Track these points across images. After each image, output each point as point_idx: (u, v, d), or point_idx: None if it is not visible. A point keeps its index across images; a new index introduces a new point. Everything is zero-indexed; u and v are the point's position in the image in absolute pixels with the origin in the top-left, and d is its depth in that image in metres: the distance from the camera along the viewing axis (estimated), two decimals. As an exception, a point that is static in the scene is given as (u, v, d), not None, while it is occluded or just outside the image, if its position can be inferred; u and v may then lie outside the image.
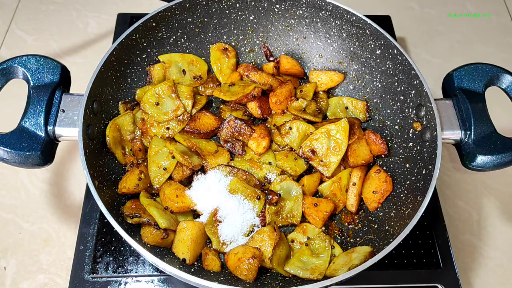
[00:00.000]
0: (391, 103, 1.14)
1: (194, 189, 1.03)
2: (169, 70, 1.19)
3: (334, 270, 0.92)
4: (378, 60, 1.14)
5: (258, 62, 1.31)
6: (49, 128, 0.93)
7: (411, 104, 1.06)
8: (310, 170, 1.13)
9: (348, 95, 1.24)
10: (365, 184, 1.08)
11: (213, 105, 1.25)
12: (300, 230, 1.03)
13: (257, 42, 1.29)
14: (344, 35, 1.18)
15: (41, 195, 1.25)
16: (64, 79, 0.99)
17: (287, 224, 1.04)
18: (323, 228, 1.04)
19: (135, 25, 1.08)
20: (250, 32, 1.27)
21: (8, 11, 1.64)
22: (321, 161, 1.07)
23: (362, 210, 1.09)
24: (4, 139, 0.89)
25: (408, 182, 1.02)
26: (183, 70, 1.21)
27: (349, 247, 1.01)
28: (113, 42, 1.07)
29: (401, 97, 1.09)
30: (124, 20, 1.46)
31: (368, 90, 1.20)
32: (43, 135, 0.92)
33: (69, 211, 1.23)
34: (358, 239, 1.04)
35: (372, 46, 1.13)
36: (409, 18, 1.71)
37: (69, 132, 0.94)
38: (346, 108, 1.21)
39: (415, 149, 1.04)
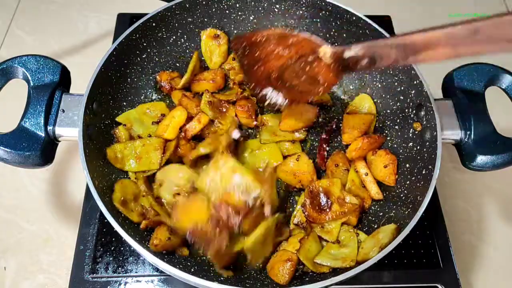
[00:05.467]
0: (391, 103, 1.14)
1: None
2: (132, 129, 1.10)
3: (365, 254, 0.91)
4: (378, 60, 1.14)
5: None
6: (49, 128, 0.93)
7: (411, 104, 1.06)
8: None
9: (348, 95, 1.24)
10: (372, 168, 1.07)
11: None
12: None
13: (257, 42, 1.29)
14: (344, 35, 1.18)
15: (41, 195, 1.25)
16: (64, 79, 0.99)
17: None
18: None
19: (135, 25, 1.08)
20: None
21: (8, 11, 1.64)
22: None
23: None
24: (4, 139, 0.90)
25: (408, 182, 1.02)
26: (143, 121, 1.12)
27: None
28: (113, 42, 1.06)
29: (401, 97, 1.09)
30: (124, 20, 1.46)
31: (368, 90, 1.20)
32: (43, 135, 0.92)
33: (69, 211, 1.23)
34: (358, 239, 1.04)
35: (372, 46, 1.13)
36: (409, 18, 1.71)
37: (69, 132, 0.94)
38: None
39: (415, 149, 1.04)
